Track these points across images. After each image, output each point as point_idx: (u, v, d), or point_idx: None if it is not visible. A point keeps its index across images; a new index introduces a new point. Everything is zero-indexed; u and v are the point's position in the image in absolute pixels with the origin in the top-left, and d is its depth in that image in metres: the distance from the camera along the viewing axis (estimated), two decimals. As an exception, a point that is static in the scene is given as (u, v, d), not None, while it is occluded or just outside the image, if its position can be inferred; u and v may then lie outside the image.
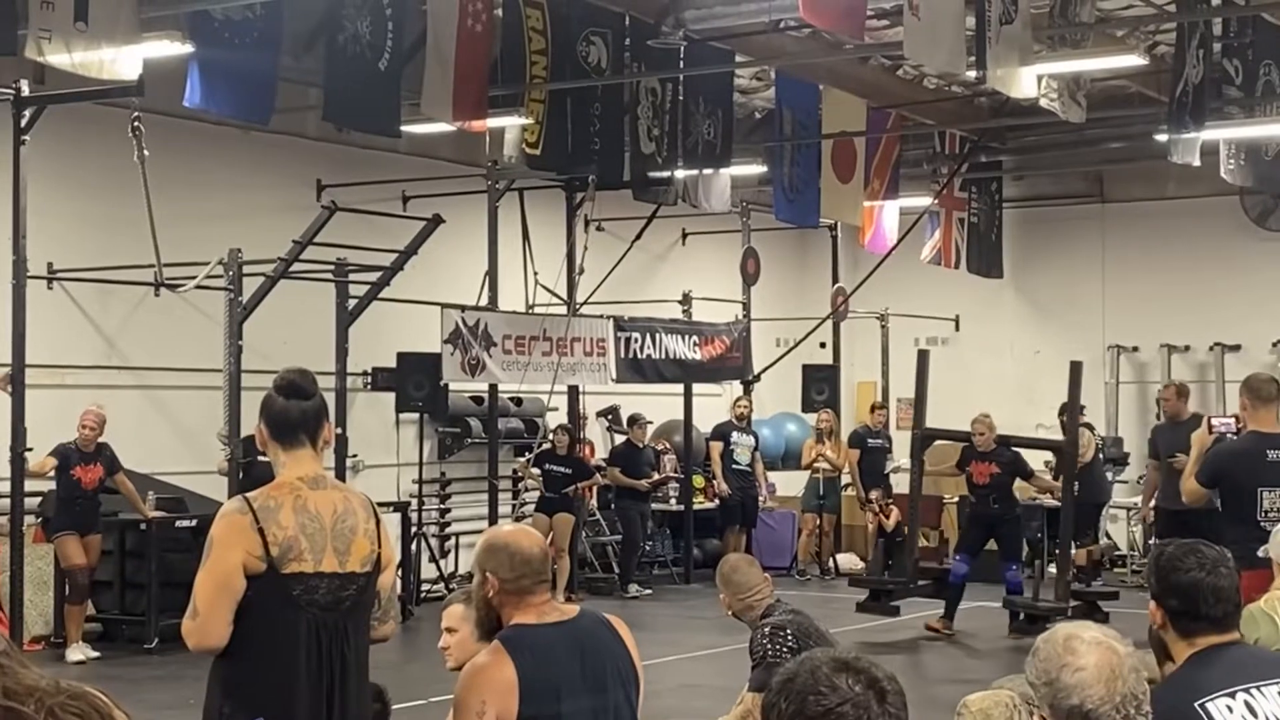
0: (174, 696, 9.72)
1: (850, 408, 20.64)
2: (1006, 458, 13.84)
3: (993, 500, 13.80)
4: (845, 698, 2.17)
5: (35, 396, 11.94)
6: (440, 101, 12.31)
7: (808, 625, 6.97)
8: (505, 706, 4.05)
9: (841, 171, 17.12)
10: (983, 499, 13.92)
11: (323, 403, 4.55)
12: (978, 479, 13.86)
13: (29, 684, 3.55)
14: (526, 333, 15.41)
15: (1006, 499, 13.92)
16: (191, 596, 4.29)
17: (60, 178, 13.44)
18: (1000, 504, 13.83)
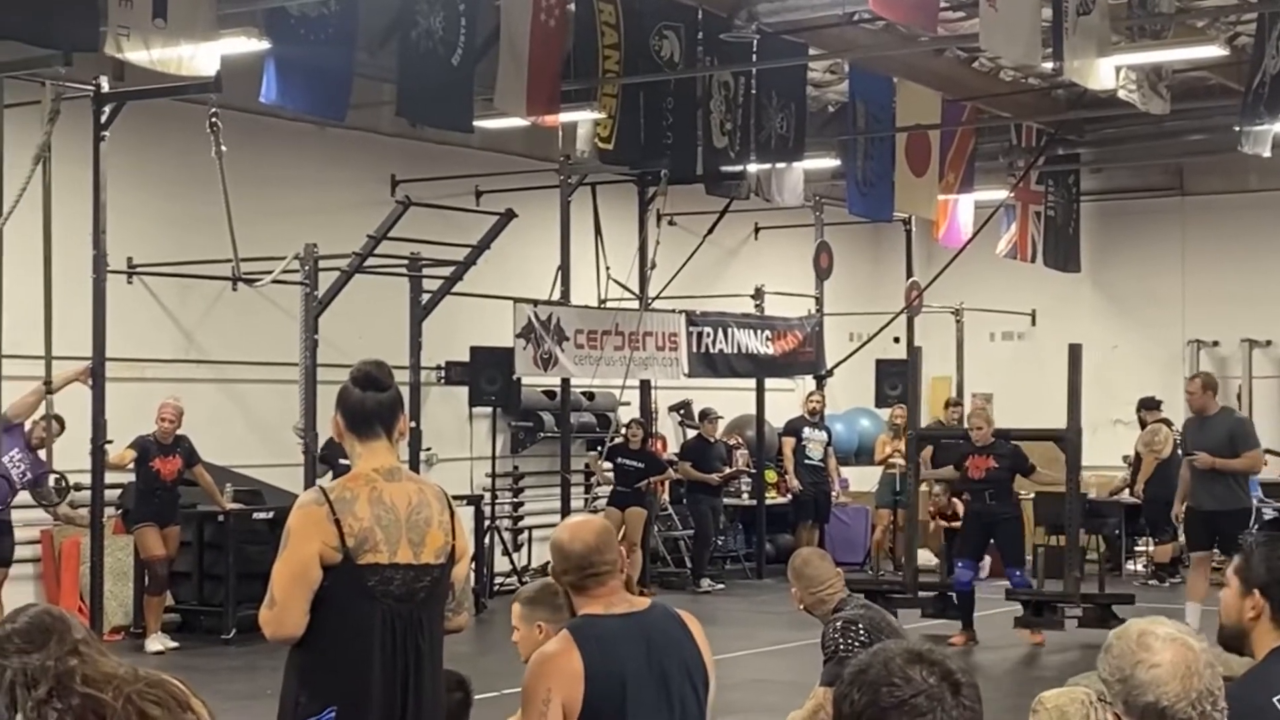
0: (251, 687, 9.81)
1: (924, 403, 20.51)
2: (1005, 451, 13.02)
3: (989, 497, 12.96)
4: (919, 689, 2.15)
5: (115, 390, 12.08)
6: (514, 96, 12.35)
7: (880, 620, 6.94)
8: (571, 695, 4.07)
9: (916, 165, 17.03)
10: (979, 495, 13.09)
11: (398, 395, 4.57)
12: (974, 474, 13.03)
13: (108, 672, 3.61)
14: (598, 327, 15.43)
15: (1005, 496, 13.06)
16: (269, 587, 4.32)
17: (139, 173, 13.59)
18: (998, 501, 12.97)
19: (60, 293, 11.49)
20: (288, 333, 13.65)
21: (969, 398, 19.92)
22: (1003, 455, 12.96)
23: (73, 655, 3.56)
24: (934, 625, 13.04)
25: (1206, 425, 12.21)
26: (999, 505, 12.95)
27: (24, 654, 3.54)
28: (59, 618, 3.68)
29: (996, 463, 12.88)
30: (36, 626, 3.61)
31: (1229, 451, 12.06)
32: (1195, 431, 12.36)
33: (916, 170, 17.05)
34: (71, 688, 3.52)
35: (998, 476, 12.91)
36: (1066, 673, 11.04)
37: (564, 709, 4.08)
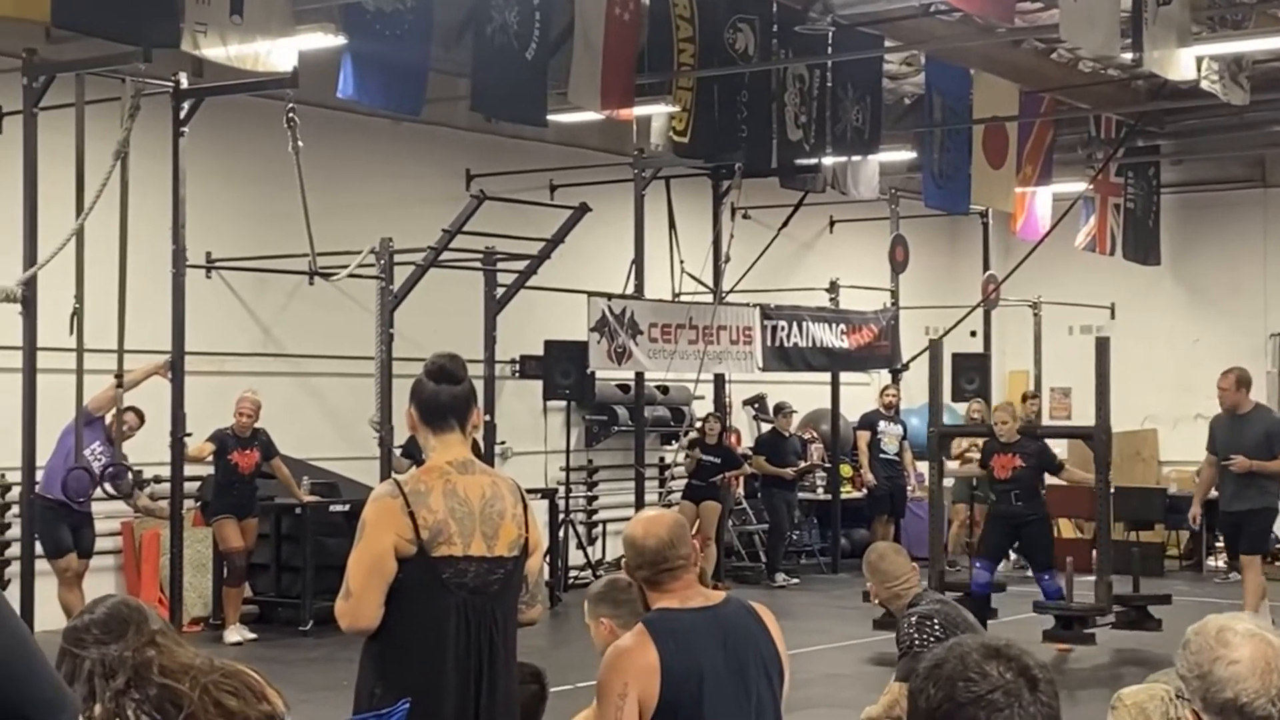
0: (328, 678, 9.87)
1: (1001, 397, 20.34)
2: (1031, 449, 12.38)
3: (1015, 497, 12.32)
4: (995, 685, 2.12)
5: (193, 383, 12.19)
6: (588, 90, 12.36)
7: (955, 615, 6.89)
8: (647, 689, 4.06)
9: (993, 157, 16.90)
10: (1004, 495, 12.44)
11: (472, 388, 4.58)
12: (999, 474, 12.39)
13: (184, 662, 3.64)
14: (673, 321, 15.41)
15: (1031, 496, 12.43)
16: (344, 578, 4.34)
17: (217, 169, 13.71)
18: (1024, 502, 12.33)
19: (140, 287, 11.62)
20: (363, 327, 13.72)
21: (1046, 392, 19.76)
22: (1029, 453, 12.35)
23: (150, 646, 3.59)
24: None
25: (1240, 424, 11.73)
26: (1025, 506, 12.35)
27: (102, 644, 3.57)
28: (136, 609, 3.71)
29: (1023, 461, 12.29)
30: (114, 617, 3.64)
31: (1266, 452, 11.61)
32: (1227, 430, 11.82)
33: (994, 162, 16.92)
34: (149, 678, 3.55)
35: (1024, 476, 12.34)
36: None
37: (640, 703, 4.07)
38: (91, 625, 3.63)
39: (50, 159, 11.06)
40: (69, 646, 3.60)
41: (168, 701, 3.54)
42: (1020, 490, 12.30)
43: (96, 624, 3.63)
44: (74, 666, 3.55)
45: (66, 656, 3.57)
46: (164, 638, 3.66)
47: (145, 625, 3.63)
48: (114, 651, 3.56)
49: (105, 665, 3.54)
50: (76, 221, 10.87)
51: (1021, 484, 12.31)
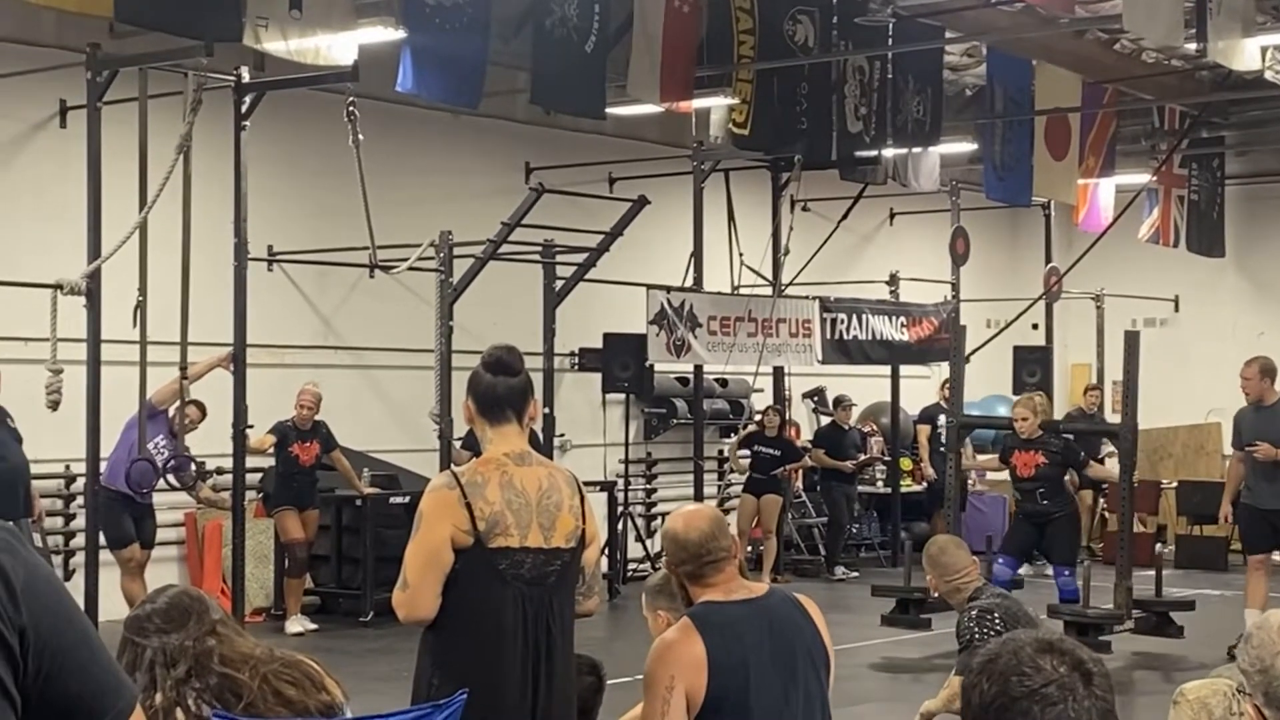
0: (388, 669, 9.93)
1: (1063, 390, 20.24)
2: (1055, 446, 11.96)
3: (1040, 495, 11.87)
4: (1050, 679, 2.11)
5: (255, 375, 12.27)
6: (647, 83, 12.36)
7: (1016, 609, 6.86)
8: (694, 682, 4.06)
9: (1055, 149, 16.77)
10: (1029, 494, 12.00)
11: (529, 380, 4.59)
12: (1022, 471, 11.95)
13: (244, 652, 3.66)
14: (731, 314, 15.39)
15: (1057, 494, 12.00)
16: (402, 569, 4.36)
17: (279, 162, 13.80)
18: (1049, 499, 11.88)
19: (203, 280, 11.70)
20: (423, 319, 13.79)
21: (1109, 385, 19.60)
22: (1053, 450, 11.93)
23: (211, 635, 3.62)
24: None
25: (1265, 414, 11.26)
26: (1052, 504, 11.91)
27: (163, 634, 3.60)
28: (197, 598, 3.74)
29: (1046, 458, 11.86)
30: (175, 607, 3.67)
31: None
32: (1252, 421, 11.38)
33: (1056, 154, 16.79)
34: (209, 667, 3.58)
35: (1049, 474, 11.92)
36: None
37: (687, 696, 4.07)
38: (153, 615, 3.66)
39: (114, 153, 11.16)
40: (131, 635, 3.63)
41: (228, 690, 3.57)
42: (1046, 488, 11.90)
43: (158, 613, 3.66)
44: (135, 655, 3.58)
45: (128, 645, 3.61)
46: (224, 627, 3.70)
47: (206, 615, 3.67)
48: (175, 641, 3.59)
49: (166, 654, 3.58)
50: (140, 215, 10.96)
51: (1046, 481, 11.91)
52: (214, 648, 3.62)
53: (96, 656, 1.83)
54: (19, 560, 1.77)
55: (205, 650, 3.60)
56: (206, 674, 3.58)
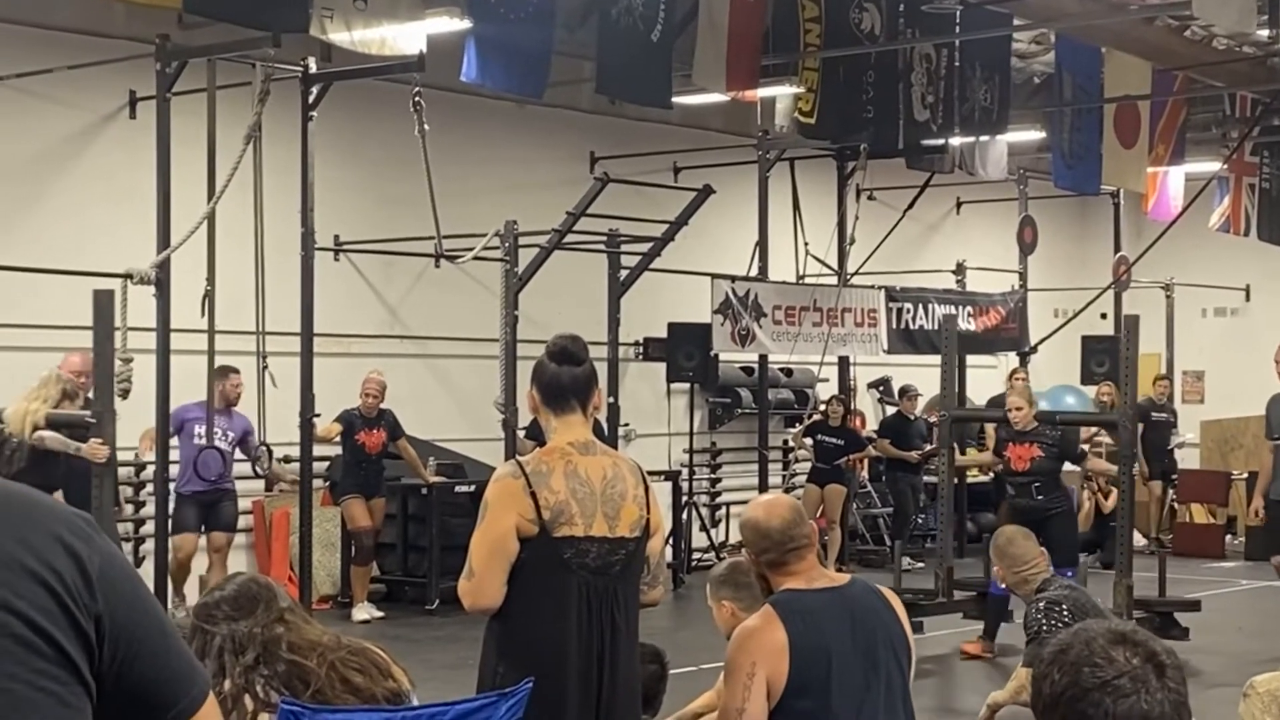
0: (453, 656, 9.96)
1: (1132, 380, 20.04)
2: (1050, 438, 11.30)
3: (1035, 490, 11.20)
4: (1122, 670, 2.09)
5: (321, 365, 12.35)
6: (713, 72, 12.33)
7: (1084, 601, 6.82)
8: (775, 669, 4.06)
9: (1124, 136, 16.61)
10: (1023, 489, 11.31)
11: (593, 369, 4.58)
12: (1016, 465, 11.30)
13: (312, 639, 3.68)
14: (797, 303, 15.35)
15: (1053, 488, 11.29)
16: (467, 558, 4.37)
17: (345, 152, 13.86)
18: (1045, 494, 11.19)
19: (270, 270, 11.77)
20: (488, 309, 13.82)
21: (1179, 376, 19.43)
22: (1048, 442, 11.29)
23: (279, 623, 3.65)
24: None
25: None
26: (1047, 499, 11.22)
27: (232, 621, 3.63)
28: (265, 586, 3.77)
29: (1042, 451, 11.23)
30: (244, 594, 3.70)
31: None
32: None
33: (1125, 142, 16.63)
34: (277, 654, 3.61)
35: (1044, 467, 11.25)
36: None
37: (769, 683, 4.07)
38: (222, 602, 3.69)
39: (182, 143, 11.25)
40: (200, 622, 3.66)
41: (295, 678, 3.60)
42: (1041, 482, 11.24)
43: (226, 600, 3.69)
44: (204, 642, 3.61)
45: (198, 632, 3.64)
46: (292, 615, 3.72)
47: (274, 602, 3.69)
48: (244, 628, 3.62)
49: (235, 641, 3.61)
50: (208, 205, 11.04)
51: (1042, 475, 11.25)
52: (282, 635, 3.65)
53: (170, 644, 1.84)
54: (95, 548, 1.78)
55: (273, 637, 3.63)
56: (274, 661, 3.61)
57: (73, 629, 1.72)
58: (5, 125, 12.35)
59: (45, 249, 12.10)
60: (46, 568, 1.72)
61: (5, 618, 1.67)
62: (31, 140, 12.58)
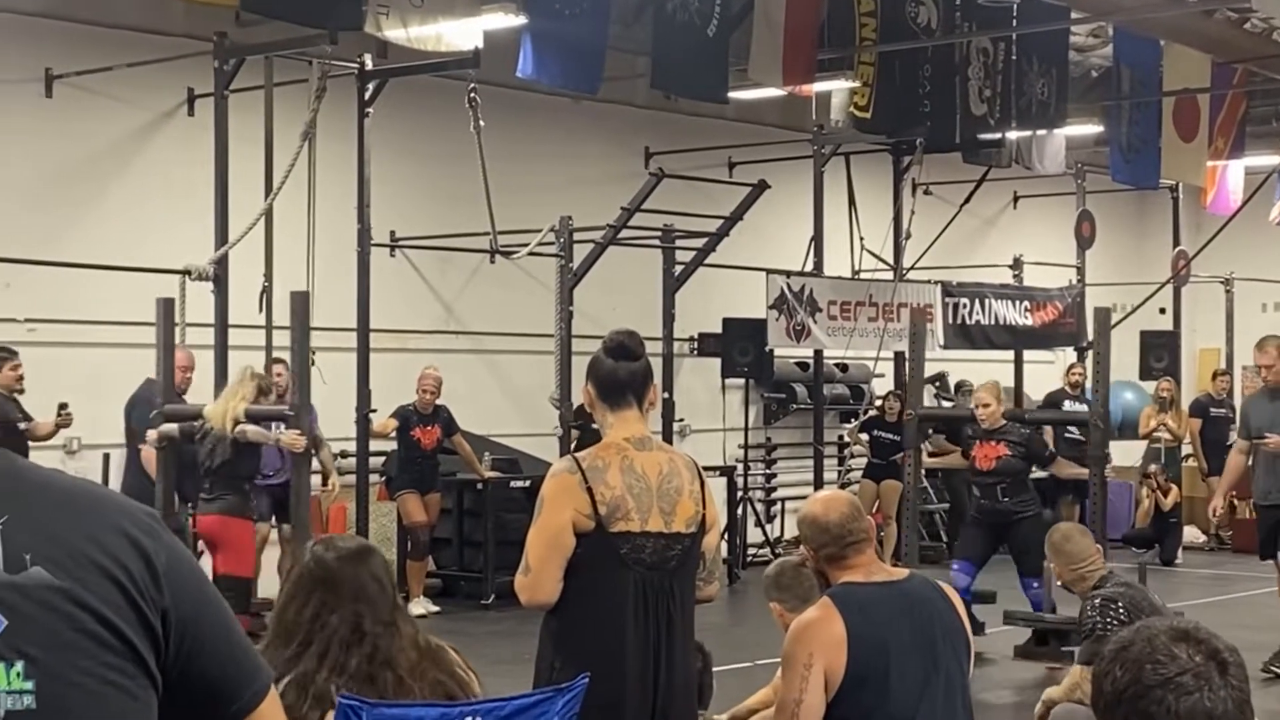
0: (509, 651, 9.97)
1: (1191, 376, 19.90)
2: (1018, 436, 10.77)
3: (1001, 492, 10.66)
4: (1185, 668, 2.07)
5: (377, 361, 12.41)
6: (769, 66, 12.31)
7: (1140, 598, 6.76)
8: (833, 661, 4.06)
9: (1183, 130, 16.48)
10: (988, 490, 10.79)
11: (649, 365, 4.58)
12: (981, 464, 10.73)
13: (405, 646, 3.74)
14: (852, 298, 15.30)
15: (1019, 490, 10.73)
16: (523, 553, 4.38)
17: (401, 148, 13.92)
18: (1011, 496, 10.63)
19: (326, 266, 11.84)
20: (543, 304, 13.85)
21: (1238, 371, 19.23)
22: (1015, 441, 10.74)
23: (391, 628, 3.73)
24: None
25: None
26: (1013, 502, 10.67)
27: (355, 602, 3.73)
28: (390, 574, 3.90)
29: (1009, 450, 10.67)
30: (380, 576, 3.81)
31: None
32: (1265, 408, 10.24)
33: (1184, 135, 16.50)
34: (377, 660, 3.68)
35: (1010, 467, 10.69)
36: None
37: (826, 676, 4.07)
38: (357, 578, 3.77)
39: (240, 140, 11.33)
40: (324, 592, 3.73)
41: (369, 680, 3.66)
42: (1007, 484, 10.68)
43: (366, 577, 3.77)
44: (321, 607, 3.69)
45: (318, 587, 3.71)
46: (401, 617, 3.80)
47: (391, 597, 3.79)
48: (367, 621, 3.69)
49: (354, 630, 3.69)
50: (266, 201, 11.12)
51: (1007, 476, 10.69)
52: (387, 644, 3.72)
53: (234, 639, 1.86)
54: (161, 544, 1.80)
55: (381, 647, 3.71)
56: (374, 666, 3.68)
57: (140, 623, 1.74)
58: (65, 123, 12.47)
59: (104, 246, 12.21)
60: (115, 563, 1.74)
61: (75, 612, 1.69)
62: (91, 138, 12.70)
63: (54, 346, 11.71)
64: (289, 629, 3.68)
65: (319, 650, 3.61)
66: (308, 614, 3.68)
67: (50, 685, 1.67)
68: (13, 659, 1.66)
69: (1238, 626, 10.43)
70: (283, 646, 3.65)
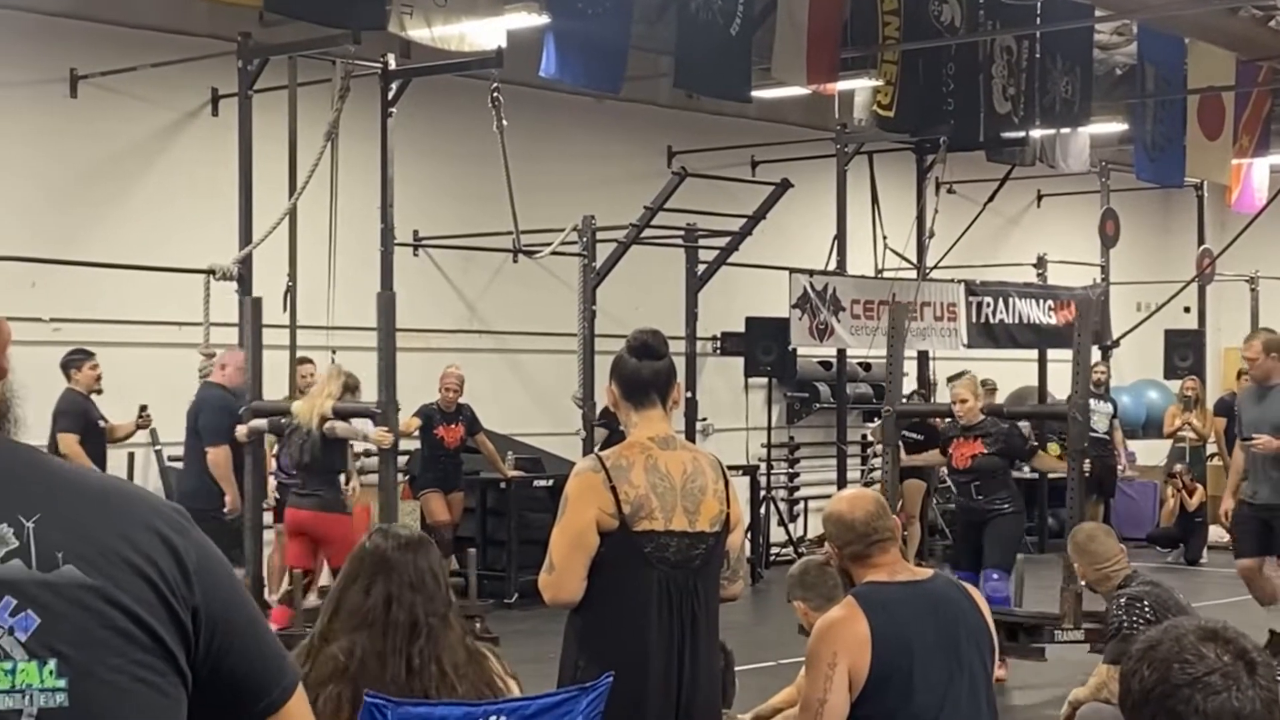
0: (533, 650, 9.97)
1: (1216, 374, 19.81)
2: (994, 433, 10.38)
3: (975, 490, 10.32)
4: (1213, 667, 2.07)
5: (400, 360, 12.40)
6: (793, 65, 12.30)
7: (1166, 597, 6.75)
8: (857, 660, 4.05)
9: (1208, 128, 16.41)
10: (964, 489, 10.51)
11: (673, 364, 4.58)
12: (957, 463, 10.41)
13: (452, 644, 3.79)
14: (875, 297, 15.27)
15: (996, 488, 10.34)
16: (547, 552, 4.38)
17: (424, 148, 13.94)
18: (986, 495, 10.23)
19: (349, 265, 11.85)
20: (566, 304, 13.86)
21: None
22: (992, 438, 10.35)
23: (442, 622, 3.78)
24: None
25: (1269, 398, 9.75)
26: (987, 500, 10.28)
27: (413, 591, 3.79)
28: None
29: (985, 447, 10.31)
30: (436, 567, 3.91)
31: None
32: (1253, 406, 9.89)
33: (1209, 134, 16.43)
34: (429, 654, 3.73)
35: (986, 465, 10.32)
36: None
37: (850, 675, 4.07)
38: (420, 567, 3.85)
39: (264, 140, 11.34)
40: (380, 571, 3.79)
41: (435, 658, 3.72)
42: (982, 481, 10.31)
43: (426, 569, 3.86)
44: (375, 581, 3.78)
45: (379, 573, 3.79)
46: (452, 613, 3.86)
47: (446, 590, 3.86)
48: (420, 611, 3.75)
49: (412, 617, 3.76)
50: (289, 201, 11.14)
51: (983, 474, 10.32)
52: (443, 637, 3.76)
53: (262, 637, 1.87)
54: (190, 541, 1.81)
55: (435, 642, 3.77)
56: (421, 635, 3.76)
57: (171, 620, 1.75)
58: (90, 123, 12.52)
59: (129, 245, 12.25)
60: (146, 560, 1.75)
61: (107, 610, 1.71)
62: (116, 138, 12.74)
63: (79, 345, 11.75)
64: (350, 610, 3.76)
65: (378, 632, 3.69)
66: (370, 598, 3.76)
67: (82, 683, 1.68)
68: (45, 657, 1.67)
69: (1263, 626, 10.42)
70: (337, 622, 3.75)
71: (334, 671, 3.64)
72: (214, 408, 10.46)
